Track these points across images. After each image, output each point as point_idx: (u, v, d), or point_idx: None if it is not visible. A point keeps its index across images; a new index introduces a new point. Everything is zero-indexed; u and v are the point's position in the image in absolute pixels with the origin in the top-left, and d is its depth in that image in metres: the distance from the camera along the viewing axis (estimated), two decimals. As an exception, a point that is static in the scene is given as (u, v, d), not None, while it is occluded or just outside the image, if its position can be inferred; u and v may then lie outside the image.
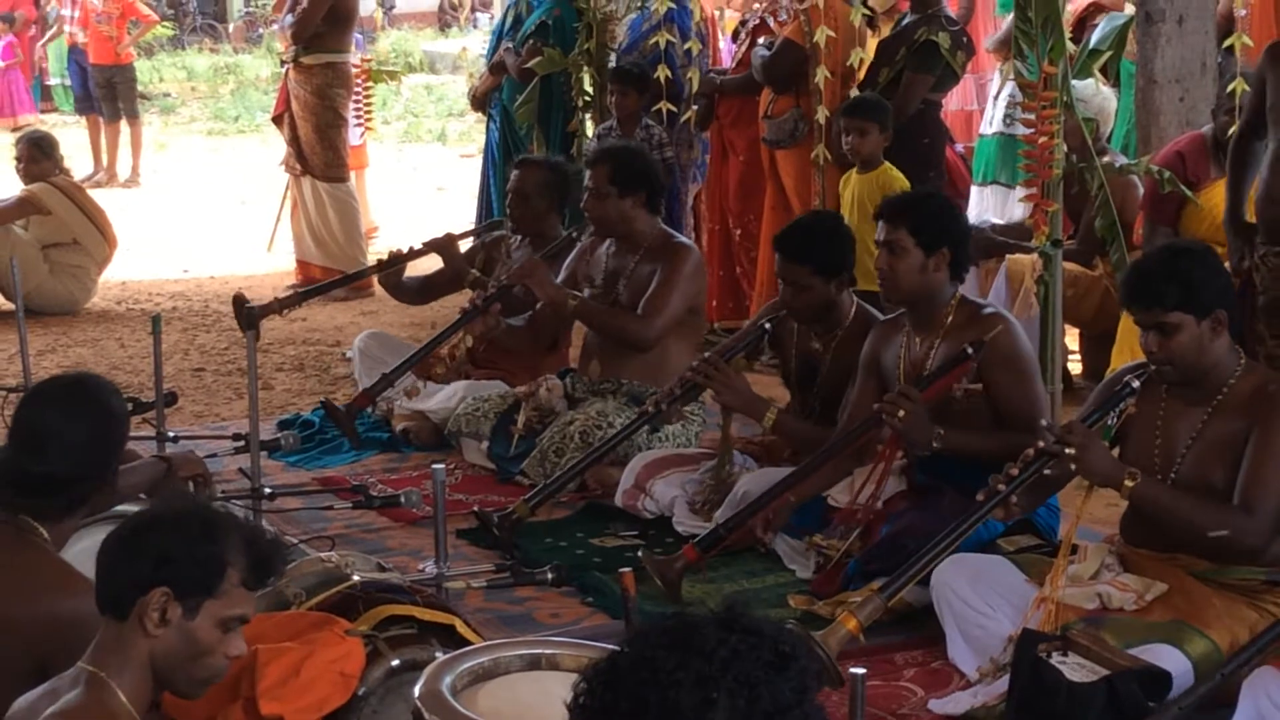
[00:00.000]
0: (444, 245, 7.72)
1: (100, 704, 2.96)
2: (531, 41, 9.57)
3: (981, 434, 5.37)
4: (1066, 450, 4.47)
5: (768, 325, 6.07)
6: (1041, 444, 4.54)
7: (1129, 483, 4.51)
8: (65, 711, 2.93)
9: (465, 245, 7.88)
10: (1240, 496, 4.53)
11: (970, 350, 5.32)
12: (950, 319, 5.49)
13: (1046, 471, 4.59)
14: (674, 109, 8.79)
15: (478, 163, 11.25)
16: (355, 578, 4.32)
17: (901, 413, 5.27)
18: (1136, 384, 4.65)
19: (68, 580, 3.58)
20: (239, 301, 7.47)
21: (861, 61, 7.86)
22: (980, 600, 4.79)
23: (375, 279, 8.35)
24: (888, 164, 7.48)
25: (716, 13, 10.71)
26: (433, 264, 7.92)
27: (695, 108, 8.91)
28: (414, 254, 7.78)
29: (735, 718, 2.06)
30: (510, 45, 9.82)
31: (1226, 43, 6.86)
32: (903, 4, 8.80)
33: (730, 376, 5.89)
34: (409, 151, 18.62)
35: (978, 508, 4.62)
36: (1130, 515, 4.79)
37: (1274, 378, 4.71)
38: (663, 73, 8.63)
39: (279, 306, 7.51)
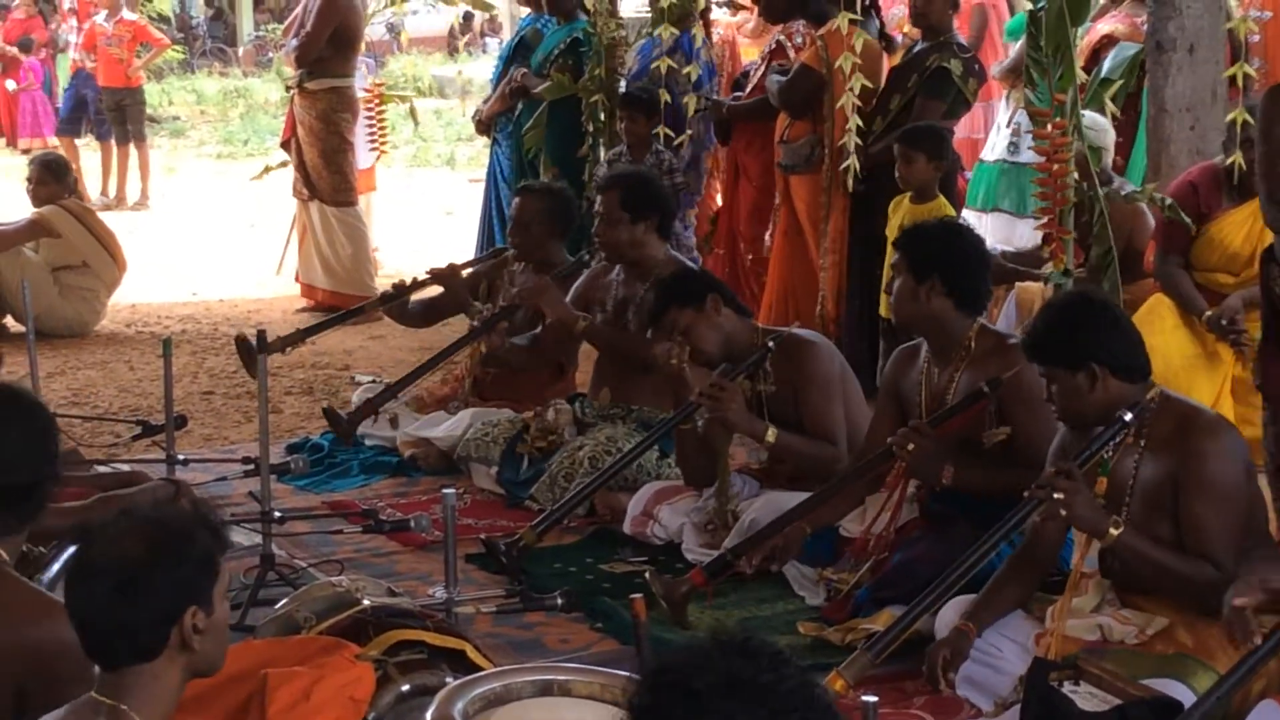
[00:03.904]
0: (448, 276, 7.72)
1: None
2: (559, 61, 9.61)
3: (992, 472, 5.37)
4: (1054, 495, 4.47)
5: (771, 344, 6.05)
6: (1030, 490, 4.54)
7: (1113, 531, 4.50)
8: None
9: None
10: (1194, 551, 4.53)
11: (986, 389, 5.34)
12: (971, 349, 5.49)
13: (1036, 517, 4.60)
14: (670, 134, 8.80)
15: (484, 188, 11.24)
16: (365, 602, 4.31)
17: (911, 446, 5.29)
18: (1129, 416, 4.62)
19: (39, 606, 3.51)
20: (242, 343, 7.43)
21: (864, 89, 7.82)
22: (983, 640, 4.78)
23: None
24: (943, 198, 7.45)
25: (733, 39, 10.72)
26: (435, 286, 7.92)
27: (689, 132, 8.93)
28: (418, 285, 7.78)
29: None
30: (526, 69, 9.84)
31: (1229, 72, 6.85)
32: (915, 31, 8.80)
33: (735, 396, 5.88)
34: (417, 176, 18.64)
35: (969, 556, 4.63)
36: (1107, 557, 4.77)
37: (1193, 412, 4.70)
38: (663, 97, 8.65)
39: (282, 345, 7.49)
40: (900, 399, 5.70)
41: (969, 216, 9.58)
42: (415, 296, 7.89)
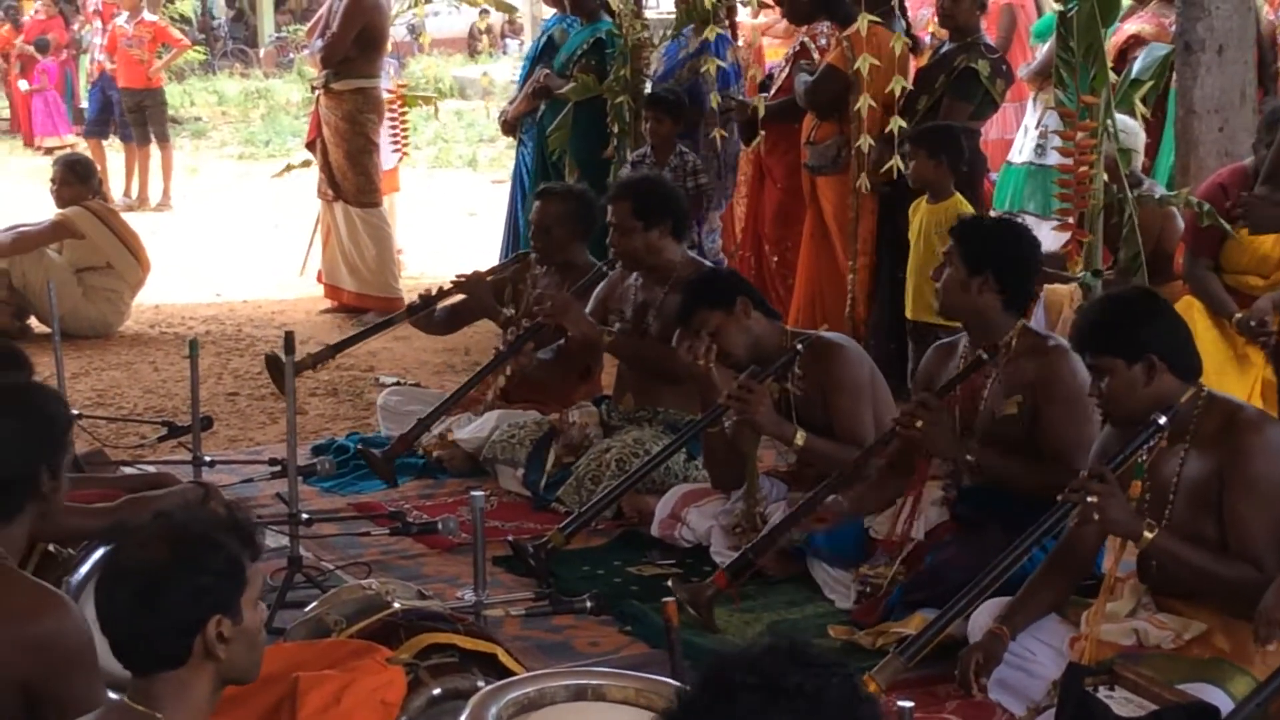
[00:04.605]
0: (472, 284, 7.69)
1: None
2: (583, 61, 9.60)
3: (1020, 462, 5.35)
4: (1088, 499, 4.43)
5: (800, 347, 6.02)
6: (1064, 493, 4.51)
7: (1148, 534, 4.46)
8: None
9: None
10: (1236, 549, 4.50)
11: (985, 356, 5.41)
12: (1012, 347, 5.47)
13: (1070, 521, 4.57)
14: (725, 135, 8.74)
15: (508, 189, 11.24)
16: (396, 605, 4.29)
17: (920, 423, 5.27)
18: (1163, 420, 4.57)
19: (41, 600, 3.49)
20: (273, 361, 7.39)
21: (903, 90, 7.83)
22: (1017, 644, 4.76)
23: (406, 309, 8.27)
24: (959, 196, 7.43)
25: (763, 40, 10.69)
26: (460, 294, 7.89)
27: (722, 132, 8.90)
28: (443, 294, 7.76)
29: None
30: (549, 70, 9.82)
31: None
32: (942, 32, 8.78)
33: (763, 398, 5.86)
34: (439, 177, 18.64)
35: (1002, 560, 4.61)
36: (1144, 561, 4.73)
37: (1236, 409, 4.67)
38: (715, 101, 8.59)
39: (312, 363, 7.47)
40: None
41: (995, 219, 9.55)
42: (440, 305, 7.87)
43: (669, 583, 5.55)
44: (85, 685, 3.34)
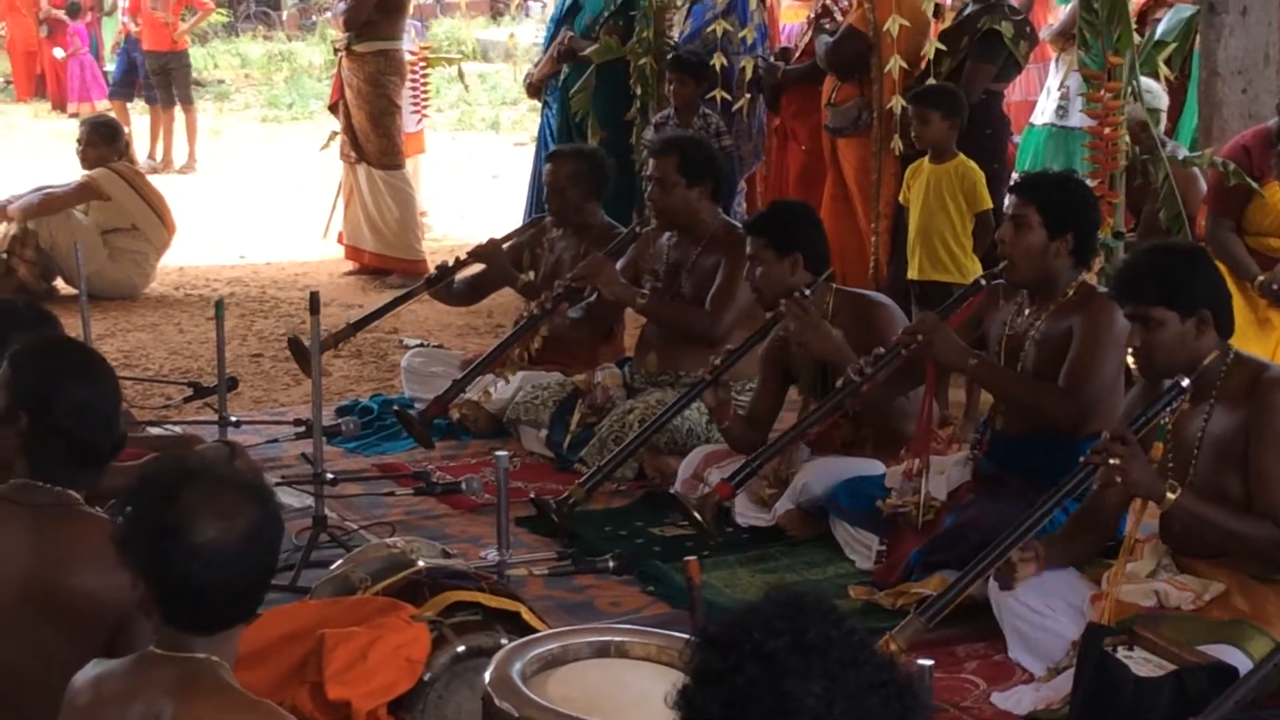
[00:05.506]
0: (489, 253, 7.70)
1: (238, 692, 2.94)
2: (608, 23, 9.59)
3: (1024, 380, 5.40)
4: (1110, 461, 4.43)
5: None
6: (1086, 455, 4.51)
7: (1170, 495, 4.46)
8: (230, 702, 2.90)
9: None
10: (1260, 505, 4.50)
11: (982, 282, 5.61)
12: (1069, 297, 5.44)
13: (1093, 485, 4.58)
14: (728, 97, 8.77)
15: (531, 150, 11.25)
16: (420, 563, 4.33)
17: (920, 336, 5.38)
18: (1186, 382, 4.56)
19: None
20: (295, 344, 7.39)
21: (935, 50, 7.81)
22: (1038, 600, 4.78)
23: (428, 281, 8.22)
24: (962, 155, 7.40)
25: (775, 1, 10.66)
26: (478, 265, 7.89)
27: (748, 95, 8.90)
28: (460, 265, 7.74)
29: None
30: (573, 32, 9.81)
31: None
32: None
33: (815, 315, 5.82)
34: (462, 140, 18.65)
35: (1023, 521, 4.62)
36: (1167, 521, 4.74)
37: (1263, 367, 4.66)
38: (718, 61, 8.63)
39: (334, 342, 7.46)
40: (981, 337, 5.68)
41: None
42: (459, 276, 7.87)
43: (673, 491, 5.86)
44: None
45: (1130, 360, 5.00)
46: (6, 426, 3.62)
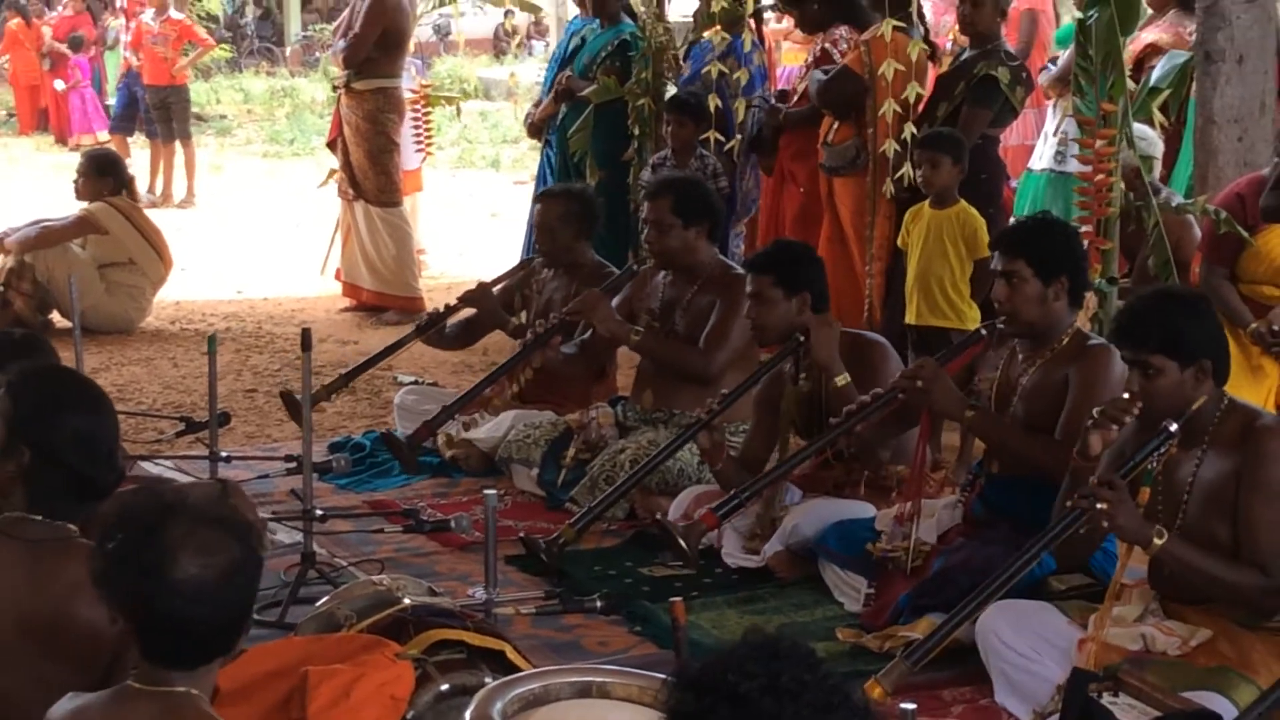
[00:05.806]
0: (479, 297, 7.70)
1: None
2: (606, 63, 9.63)
3: (1021, 432, 5.39)
4: (1098, 505, 4.42)
5: (801, 339, 6.05)
6: (1073, 500, 4.51)
7: (1157, 541, 4.45)
8: None
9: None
10: (1247, 553, 4.49)
11: (984, 332, 5.58)
12: (1062, 345, 5.44)
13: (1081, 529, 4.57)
14: (721, 138, 8.80)
15: (531, 189, 11.28)
16: (406, 601, 4.33)
17: (919, 382, 5.39)
18: (1174, 427, 4.54)
19: None
20: (288, 398, 7.36)
21: (919, 96, 7.85)
22: (1024, 644, 4.77)
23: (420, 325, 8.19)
24: (964, 201, 7.42)
25: (775, 44, 10.71)
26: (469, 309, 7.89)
27: (739, 137, 8.93)
28: (451, 311, 7.73)
29: None
30: (572, 73, 9.85)
31: None
32: (963, 38, 8.78)
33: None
34: (462, 177, 18.69)
35: (1010, 565, 4.60)
36: (1156, 566, 4.73)
37: (1255, 415, 4.65)
38: (713, 102, 8.66)
39: (326, 394, 7.43)
40: (972, 385, 5.69)
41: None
42: (451, 320, 7.85)
43: (658, 517, 5.84)
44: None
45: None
46: (6, 459, 3.60)
